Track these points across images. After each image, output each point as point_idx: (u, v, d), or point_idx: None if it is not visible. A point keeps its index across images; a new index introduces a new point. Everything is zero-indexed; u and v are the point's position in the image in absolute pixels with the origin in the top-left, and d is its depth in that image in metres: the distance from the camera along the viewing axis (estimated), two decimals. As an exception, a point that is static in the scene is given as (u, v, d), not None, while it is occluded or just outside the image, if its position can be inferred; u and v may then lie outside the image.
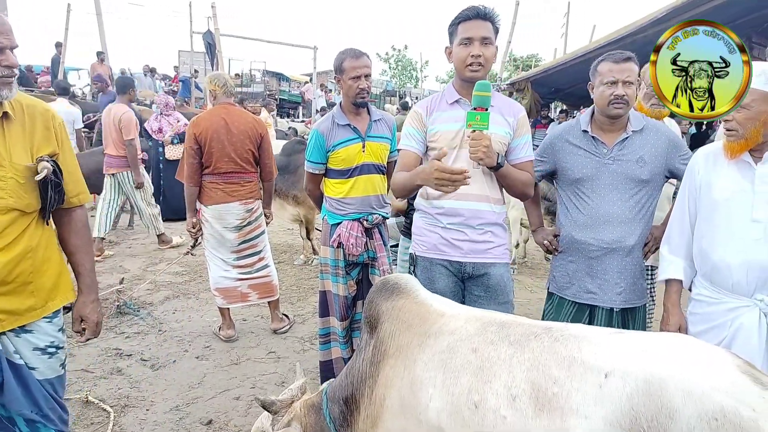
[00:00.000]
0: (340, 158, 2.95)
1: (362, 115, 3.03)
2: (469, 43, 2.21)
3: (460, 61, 2.24)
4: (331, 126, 2.96)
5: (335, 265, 3.03)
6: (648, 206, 2.40)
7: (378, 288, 1.81)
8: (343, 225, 2.97)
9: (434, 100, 2.41)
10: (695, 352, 1.27)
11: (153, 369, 3.61)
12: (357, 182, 2.98)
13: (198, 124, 3.87)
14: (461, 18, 2.24)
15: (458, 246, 2.29)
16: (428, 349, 1.53)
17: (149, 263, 6.08)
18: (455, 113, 2.31)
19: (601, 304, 2.40)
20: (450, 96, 2.36)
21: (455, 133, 2.28)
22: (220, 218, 3.95)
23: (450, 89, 2.39)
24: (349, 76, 2.87)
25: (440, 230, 2.32)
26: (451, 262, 2.31)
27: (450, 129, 2.30)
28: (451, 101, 2.34)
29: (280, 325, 4.23)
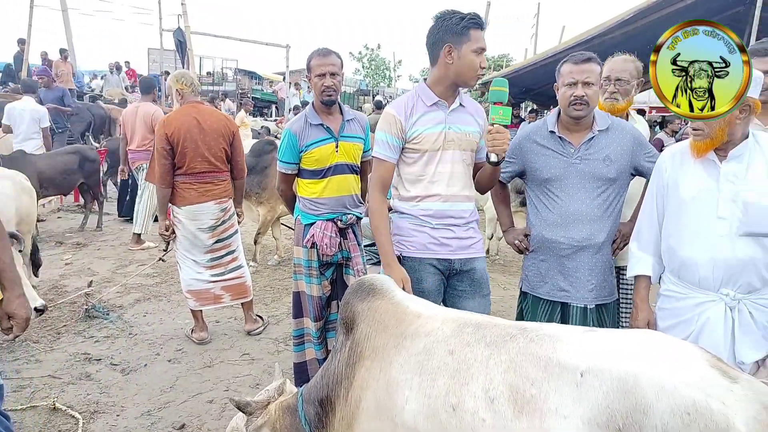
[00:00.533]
0: (313, 158, 2.93)
1: (335, 115, 3.01)
2: (481, 53, 2.25)
3: (473, 69, 2.26)
4: (303, 126, 2.94)
5: (309, 266, 3.01)
6: (615, 204, 2.45)
7: (354, 289, 1.80)
8: (317, 225, 2.95)
9: (409, 102, 2.38)
10: (665, 348, 1.30)
11: (123, 373, 3.53)
12: (330, 182, 2.96)
13: (169, 123, 3.79)
14: (475, 24, 2.24)
15: (447, 244, 2.36)
16: (404, 351, 1.52)
17: (119, 265, 5.95)
18: (435, 115, 2.34)
19: (574, 302, 2.45)
20: (427, 98, 2.35)
21: (438, 135, 2.32)
22: (194, 219, 3.88)
23: (426, 91, 2.36)
24: (315, 74, 2.87)
25: (429, 230, 2.36)
26: (440, 260, 2.36)
27: (433, 131, 2.32)
28: (429, 103, 2.35)
29: (254, 327, 4.18)
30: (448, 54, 2.26)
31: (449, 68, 2.28)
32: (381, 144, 2.36)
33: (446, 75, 2.30)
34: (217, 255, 4.02)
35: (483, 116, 2.49)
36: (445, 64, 2.28)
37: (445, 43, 2.25)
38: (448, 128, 2.33)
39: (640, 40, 7.83)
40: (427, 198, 2.35)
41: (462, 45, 2.23)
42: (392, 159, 2.36)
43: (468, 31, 2.22)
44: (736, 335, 1.92)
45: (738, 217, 1.90)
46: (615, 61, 2.77)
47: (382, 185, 2.38)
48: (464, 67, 2.26)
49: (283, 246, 6.35)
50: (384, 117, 2.38)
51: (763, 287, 1.94)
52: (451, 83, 2.33)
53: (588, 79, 2.31)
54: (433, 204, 2.34)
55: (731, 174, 1.94)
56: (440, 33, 2.27)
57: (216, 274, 4.02)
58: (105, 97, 15.06)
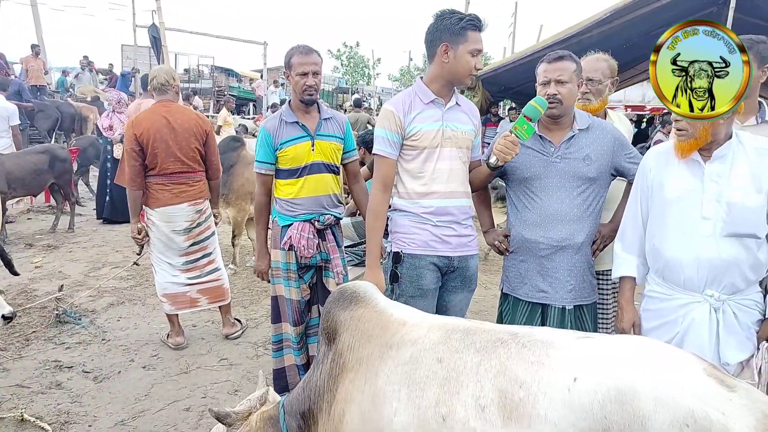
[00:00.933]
0: (288, 157, 2.85)
1: (312, 113, 2.95)
2: (477, 54, 2.28)
3: (467, 69, 2.29)
4: (278, 124, 2.88)
5: (287, 269, 2.93)
6: (595, 204, 2.43)
7: (335, 297, 1.73)
8: (294, 226, 2.88)
9: (407, 98, 2.40)
10: (662, 356, 1.27)
11: (96, 381, 3.41)
12: (307, 182, 2.89)
13: (138, 124, 3.68)
14: (474, 26, 2.26)
15: (448, 241, 2.39)
16: (390, 361, 1.47)
17: (92, 268, 5.79)
18: (433, 112, 2.36)
19: (553, 303, 2.43)
20: (425, 96, 2.38)
21: (436, 132, 2.35)
22: (168, 221, 3.77)
23: (423, 88, 2.39)
24: (297, 72, 2.80)
25: (431, 227, 2.38)
26: (440, 257, 2.39)
27: (431, 128, 2.35)
28: (427, 101, 2.37)
29: (232, 330, 4.09)
30: (444, 53, 2.28)
31: (444, 67, 2.31)
32: (381, 141, 2.37)
33: (441, 74, 2.33)
34: (193, 258, 3.92)
35: (477, 116, 2.53)
36: (441, 62, 2.31)
37: (442, 42, 2.28)
38: (446, 126, 2.36)
39: (616, 39, 7.90)
40: (428, 195, 2.37)
41: (459, 45, 2.25)
42: (393, 155, 2.37)
43: (466, 32, 2.24)
44: (721, 336, 1.91)
45: (722, 217, 1.89)
46: (587, 61, 2.72)
47: (384, 183, 2.39)
48: (459, 67, 2.28)
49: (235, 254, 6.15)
50: (383, 114, 2.40)
51: (746, 288, 1.94)
52: (447, 82, 2.35)
53: (560, 77, 2.31)
54: (434, 201, 2.37)
55: (715, 174, 1.93)
56: (438, 31, 2.29)
57: (192, 277, 3.92)
58: (77, 94, 14.69)
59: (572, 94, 2.36)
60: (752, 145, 1.95)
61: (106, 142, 7.67)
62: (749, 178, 1.90)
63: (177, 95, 3.95)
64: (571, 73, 2.34)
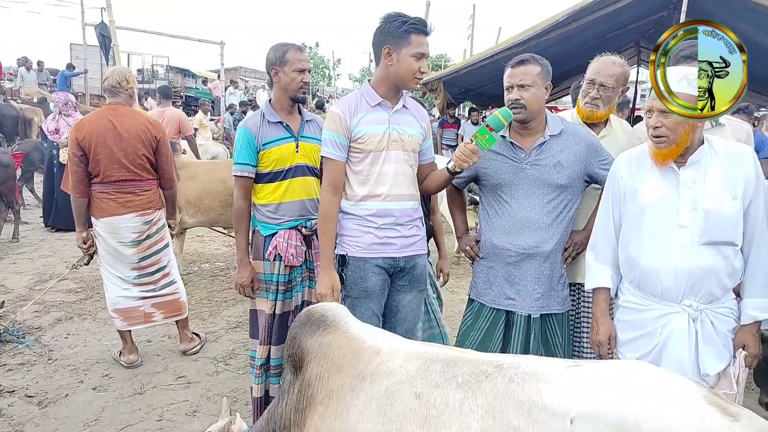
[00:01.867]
0: (272, 159, 2.70)
1: (294, 114, 2.83)
2: (421, 58, 2.27)
3: (410, 73, 2.27)
4: (260, 123, 2.72)
5: (270, 280, 2.77)
6: (566, 212, 2.38)
7: (302, 321, 1.58)
8: (280, 234, 2.72)
9: (353, 101, 2.37)
10: (659, 385, 1.18)
11: (40, 406, 3.16)
12: (291, 185, 2.75)
13: (81, 128, 3.44)
14: (417, 29, 2.24)
15: (392, 243, 2.38)
16: (363, 395, 1.33)
17: (37, 281, 5.44)
18: (379, 115, 2.35)
19: (519, 311, 2.37)
20: (371, 98, 2.36)
21: (382, 135, 2.33)
22: (114, 232, 3.53)
23: (370, 91, 2.38)
24: (294, 68, 2.67)
25: (374, 230, 2.36)
26: (385, 259, 2.37)
27: (377, 131, 2.33)
28: (373, 104, 2.35)
29: (190, 346, 3.87)
30: (387, 56, 2.29)
31: (389, 70, 2.31)
32: (329, 143, 2.35)
33: (387, 76, 2.33)
34: (146, 272, 3.68)
35: (426, 119, 2.53)
36: (385, 65, 2.31)
37: (385, 45, 2.28)
38: (392, 129, 2.35)
39: (574, 41, 8.00)
40: (372, 197, 2.36)
41: (402, 48, 2.25)
42: (341, 158, 2.35)
43: (409, 36, 2.24)
44: (700, 347, 1.87)
45: (699, 225, 1.85)
46: (603, 62, 2.57)
47: (334, 186, 2.36)
48: (402, 70, 2.28)
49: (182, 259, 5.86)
50: (329, 116, 2.38)
51: (722, 296, 1.91)
52: (392, 84, 2.35)
53: (522, 81, 2.28)
54: (376, 203, 2.35)
55: (690, 180, 1.89)
56: (383, 35, 2.29)
57: (145, 291, 3.69)
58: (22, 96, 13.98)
59: (537, 98, 2.29)
60: (724, 150, 1.92)
61: (51, 147, 7.29)
62: (723, 184, 1.87)
63: (130, 98, 3.70)
64: (533, 76, 2.29)
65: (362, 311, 2.36)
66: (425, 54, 2.29)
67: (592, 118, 2.59)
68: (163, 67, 21.89)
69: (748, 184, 1.87)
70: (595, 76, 2.55)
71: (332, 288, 2.31)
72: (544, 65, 2.33)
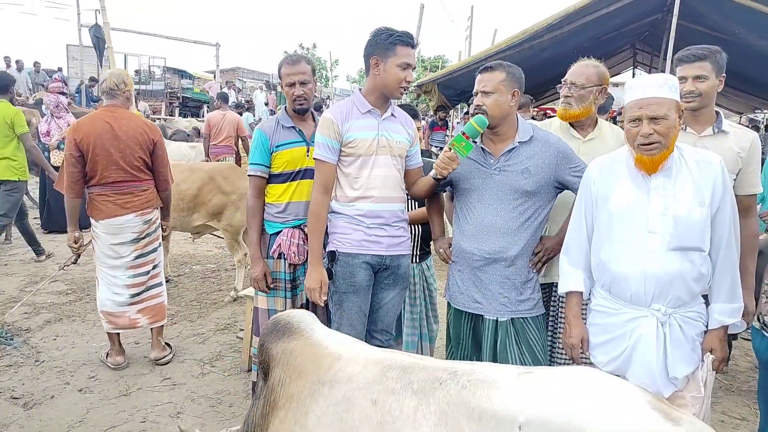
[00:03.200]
0: (283, 160, 2.85)
1: (308, 121, 2.98)
2: (406, 68, 2.41)
3: (396, 82, 2.42)
4: (275, 127, 2.89)
5: (275, 278, 2.90)
6: (534, 217, 2.39)
7: (270, 328, 1.61)
8: (284, 233, 2.85)
9: (345, 108, 2.51)
10: (605, 390, 1.21)
11: (25, 408, 3.18)
12: (300, 186, 2.89)
13: (79, 129, 3.47)
14: (402, 41, 2.38)
15: (380, 241, 2.50)
16: (322, 400, 1.36)
17: (28, 282, 5.46)
18: (368, 122, 2.49)
19: (486, 315, 2.40)
20: (362, 106, 2.50)
21: (371, 141, 2.46)
22: (114, 233, 3.56)
23: (361, 99, 2.52)
24: (285, 83, 2.86)
25: (364, 228, 2.48)
26: (372, 256, 2.49)
27: (367, 137, 2.46)
28: (363, 111, 2.49)
29: (161, 354, 3.79)
30: (375, 66, 2.43)
31: (377, 79, 2.45)
32: (321, 146, 2.48)
33: (375, 86, 2.48)
34: (140, 272, 3.70)
35: (412, 127, 2.68)
36: (373, 75, 2.46)
37: (373, 56, 2.43)
38: (381, 135, 2.49)
39: (567, 44, 8.04)
40: (363, 199, 2.48)
41: (388, 59, 2.39)
42: (332, 160, 2.48)
43: (395, 47, 2.38)
44: (668, 351, 1.89)
45: (669, 231, 1.88)
46: (576, 65, 2.66)
47: (324, 187, 2.49)
48: (389, 80, 2.42)
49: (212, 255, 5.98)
50: (322, 122, 2.51)
51: (690, 300, 1.93)
52: (381, 94, 2.49)
53: (484, 88, 2.35)
54: (367, 205, 2.47)
55: (661, 187, 1.92)
56: (371, 47, 2.44)
57: (134, 294, 3.70)
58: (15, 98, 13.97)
59: (498, 104, 2.33)
60: (692, 158, 1.94)
61: (44, 148, 7.30)
62: (692, 191, 1.89)
63: (128, 101, 3.74)
64: (496, 83, 2.33)
65: (349, 306, 2.48)
66: (411, 65, 2.43)
67: (567, 117, 2.64)
68: (160, 68, 21.89)
69: (715, 190, 1.89)
70: (567, 76, 2.64)
71: (320, 283, 2.43)
72: (511, 72, 2.35)
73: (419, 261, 3.26)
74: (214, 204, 5.02)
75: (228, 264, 6.31)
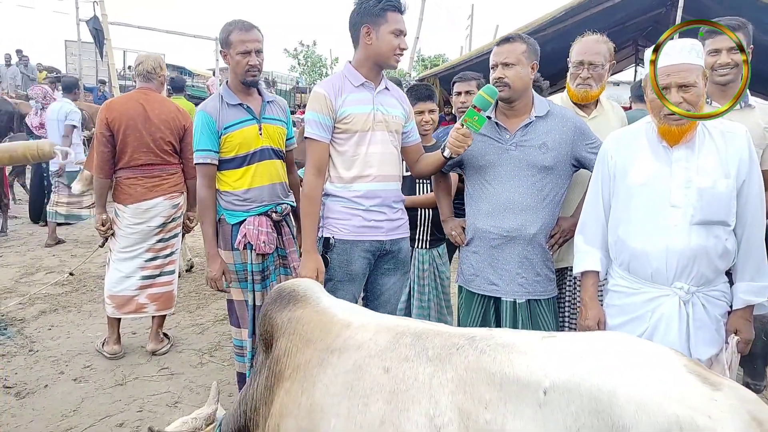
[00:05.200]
0: (235, 143, 2.60)
1: (254, 96, 2.72)
2: (399, 34, 2.26)
3: (390, 49, 2.26)
4: (219, 106, 2.61)
5: (243, 269, 2.68)
6: (552, 195, 2.30)
7: (272, 298, 1.50)
8: (249, 222, 2.62)
9: (337, 82, 2.34)
10: (637, 354, 1.11)
11: (18, 397, 3.08)
12: (258, 169, 2.64)
13: (111, 108, 3.41)
14: (393, 7, 2.24)
15: (379, 226, 2.36)
16: (330, 369, 1.26)
17: (23, 273, 5.36)
18: (362, 96, 2.32)
19: (504, 297, 2.31)
20: (355, 79, 2.33)
21: (367, 116, 2.30)
22: (142, 218, 3.48)
23: (353, 71, 2.35)
24: (237, 51, 2.57)
25: (362, 213, 2.33)
26: (372, 242, 2.35)
27: (363, 111, 2.30)
28: (357, 84, 2.33)
29: (160, 346, 3.69)
30: (366, 35, 2.27)
31: (369, 49, 2.29)
32: (313, 124, 2.29)
33: (367, 56, 2.31)
34: (159, 255, 3.63)
35: (407, 101, 2.53)
36: (365, 45, 2.29)
37: (363, 25, 2.27)
38: (376, 109, 2.33)
39: (570, 37, 7.94)
40: (360, 179, 2.32)
41: (380, 26, 2.25)
42: (325, 139, 2.30)
43: (385, 13, 2.23)
44: (691, 331, 1.79)
45: (692, 204, 1.78)
46: (586, 43, 2.54)
47: (318, 168, 2.31)
48: (383, 48, 2.26)
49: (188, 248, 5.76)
50: (313, 97, 2.32)
51: (715, 278, 1.84)
52: (374, 64, 2.33)
53: (506, 59, 2.24)
54: (365, 185, 2.32)
55: (683, 159, 1.82)
56: (359, 15, 2.28)
57: (146, 276, 3.60)
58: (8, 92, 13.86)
59: (520, 76, 2.24)
60: (718, 129, 1.85)
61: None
62: (716, 162, 1.80)
63: (162, 86, 3.70)
64: (518, 54, 2.23)
65: (343, 295, 2.30)
66: (403, 31, 2.29)
67: (587, 98, 2.55)
68: (160, 64, 21.75)
69: (741, 162, 1.80)
70: (582, 57, 2.52)
71: (316, 271, 2.25)
72: (531, 44, 2.27)
73: (429, 247, 3.09)
74: None
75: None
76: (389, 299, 2.50)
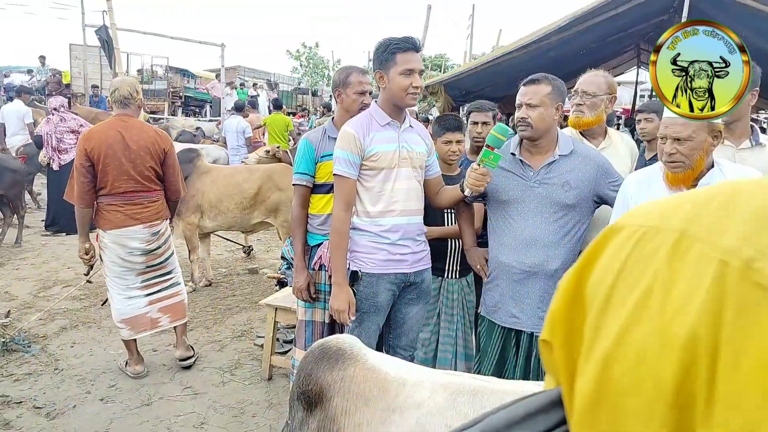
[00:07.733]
0: (327, 171, 2.79)
1: None
2: (410, 74, 2.35)
3: (402, 90, 2.37)
4: (321, 137, 2.85)
5: (316, 290, 2.86)
6: (574, 231, 2.40)
7: (316, 356, 1.56)
8: (325, 245, 2.81)
9: (364, 121, 2.49)
10: None
11: (48, 418, 3.18)
12: None
13: (90, 138, 3.46)
14: (400, 49, 2.33)
15: (404, 260, 2.47)
16: (394, 428, 1.33)
17: (41, 287, 5.46)
18: (388, 134, 2.47)
19: (524, 329, 2.41)
20: (381, 118, 2.48)
21: (393, 153, 2.44)
22: (122, 244, 3.55)
23: (379, 111, 2.49)
24: (355, 90, 2.79)
25: (387, 246, 2.44)
26: (397, 275, 2.47)
27: (389, 149, 2.44)
28: (383, 123, 2.47)
29: (188, 354, 3.81)
30: (380, 80, 2.44)
31: (386, 92, 2.44)
32: (342, 162, 2.43)
33: (387, 98, 2.46)
34: (152, 275, 3.71)
35: (428, 137, 2.69)
36: (382, 89, 2.46)
37: (376, 71, 2.45)
38: (401, 147, 2.46)
39: (574, 45, 8.03)
40: (387, 213, 2.45)
41: (390, 70, 2.38)
42: (353, 175, 2.43)
43: (394, 56, 2.36)
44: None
45: None
46: (585, 76, 2.79)
47: (347, 204, 2.44)
48: (395, 89, 2.39)
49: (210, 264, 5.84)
50: (342, 136, 2.47)
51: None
52: (393, 105, 2.47)
53: (530, 101, 2.34)
54: (391, 219, 2.44)
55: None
56: (375, 63, 2.46)
57: (151, 293, 3.70)
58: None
59: (543, 117, 2.34)
60: (735, 174, 1.94)
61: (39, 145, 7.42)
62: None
63: (139, 109, 3.73)
64: (542, 96, 2.33)
65: (368, 325, 2.46)
66: (414, 69, 2.37)
67: (580, 124, 2.72)
68: (163, 67, 21.84)
69: None
70: (578, 86, 2.75)
71: (348, 303, 2.39)
72: (556, 85, 2.36)
73: (458, 277, 3.11)
74: (272, 201, 5.41)
75: (239, 268, 6.31)
76: (411, 328, 2.61)
